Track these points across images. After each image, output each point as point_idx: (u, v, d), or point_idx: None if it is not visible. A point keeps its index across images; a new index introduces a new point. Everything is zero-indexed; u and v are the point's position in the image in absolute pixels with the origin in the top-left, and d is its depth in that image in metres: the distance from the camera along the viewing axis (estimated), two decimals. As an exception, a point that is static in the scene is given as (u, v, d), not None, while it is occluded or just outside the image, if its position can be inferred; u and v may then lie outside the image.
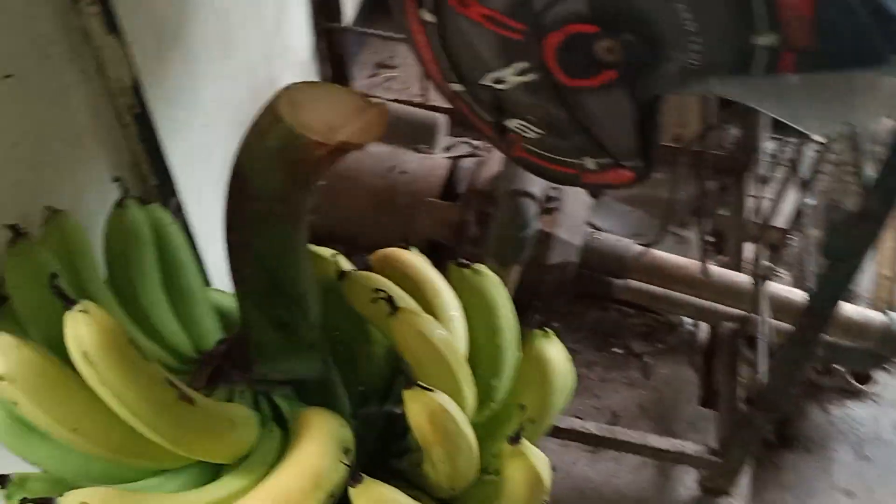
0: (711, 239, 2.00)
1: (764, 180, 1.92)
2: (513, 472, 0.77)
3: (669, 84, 0.60)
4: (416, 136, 1.91)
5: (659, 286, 1.74)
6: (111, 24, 0.92)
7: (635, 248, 1.72)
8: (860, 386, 1.82)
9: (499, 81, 0.63)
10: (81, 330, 0.61)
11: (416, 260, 0.97)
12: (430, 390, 0.74)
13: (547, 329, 0.85)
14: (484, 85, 0.66)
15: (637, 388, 1.76)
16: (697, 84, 0.59)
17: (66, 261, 0.81)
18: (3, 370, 0.63)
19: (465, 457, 0.77)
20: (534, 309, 1.88)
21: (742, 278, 1.65)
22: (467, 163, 1.80)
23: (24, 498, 0.68)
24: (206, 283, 1.03)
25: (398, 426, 0.85)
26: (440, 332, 0.79)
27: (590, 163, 0.69)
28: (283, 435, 0.76)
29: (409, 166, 1.78)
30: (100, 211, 0.89)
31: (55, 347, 0.66)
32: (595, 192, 1.69)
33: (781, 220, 1.80)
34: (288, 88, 0.66)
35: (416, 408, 0.73)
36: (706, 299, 1.71)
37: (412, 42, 0.70)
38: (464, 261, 0.89)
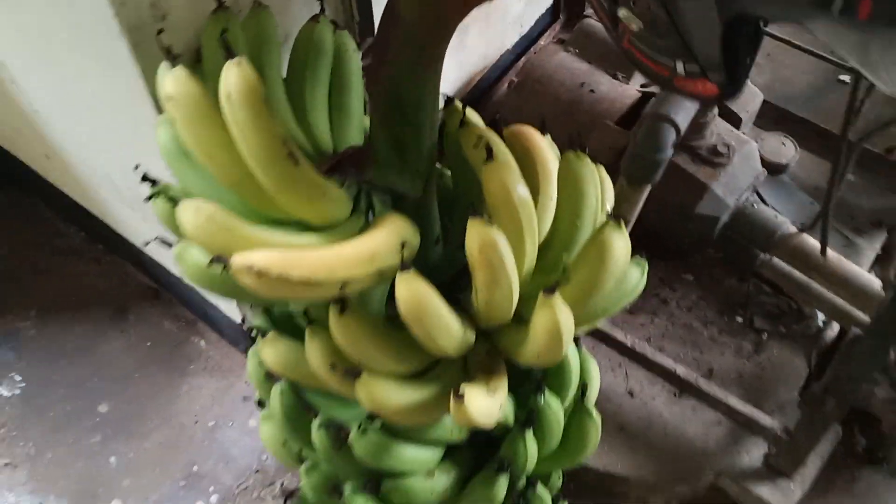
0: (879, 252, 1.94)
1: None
2: (538, 319, 0.88)
3: (753, 4, 0.65)
4: (620, 63, 1.98)
5: (800, 272, 1.73)
6: None
7: (789, 227, 1.72)
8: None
9: (610, -37, 0.71)
10: (231, 76, 0.77)
11: (542, 144, 1.07)
12: (491, 225, 0.86)
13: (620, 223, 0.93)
14: (599, -36, 0.73)
15: (742, 358, 1.78)
16: (780, 12, 0.63)
17: (253, 47, 0.98)
18: (171, 91, 0.81)
19: (502, 291, 0.88)
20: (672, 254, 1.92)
21: (868, 279, 1.61)
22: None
23: (159, 192, 0.88)
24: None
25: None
26: (523, 191, 0.90)
27: (680, 67, 0.75)
28: (366, 225, 0.91)
29: (599, 87, 1.86)
30: (299, 24, 1.05)
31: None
32: (717, 102, 1.66)
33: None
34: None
35: (473, 234, 0.85)
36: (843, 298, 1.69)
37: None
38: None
